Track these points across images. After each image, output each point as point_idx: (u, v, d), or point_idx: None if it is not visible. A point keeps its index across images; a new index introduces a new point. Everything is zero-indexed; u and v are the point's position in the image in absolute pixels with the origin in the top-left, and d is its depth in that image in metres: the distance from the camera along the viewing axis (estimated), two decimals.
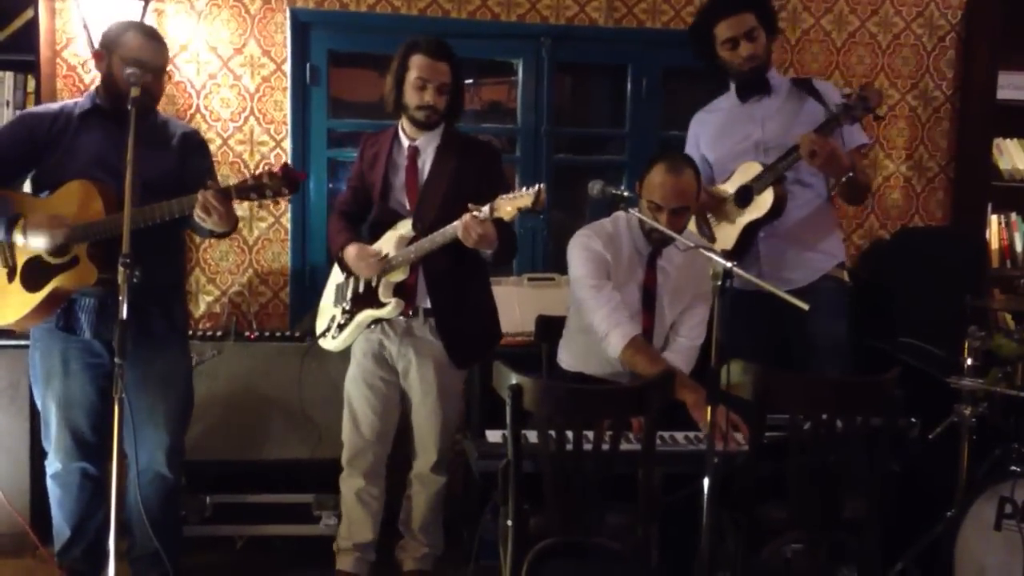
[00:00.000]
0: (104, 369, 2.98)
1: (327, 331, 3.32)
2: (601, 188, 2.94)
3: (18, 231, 2.86)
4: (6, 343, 3.54)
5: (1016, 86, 4.30)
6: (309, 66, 4.06)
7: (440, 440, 3.28)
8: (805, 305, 2.50)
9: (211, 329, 3.82)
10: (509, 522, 2.60)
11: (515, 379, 2.53)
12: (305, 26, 4.04)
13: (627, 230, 3.14)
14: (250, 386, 3.64)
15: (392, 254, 3.16)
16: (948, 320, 3.47)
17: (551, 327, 3.40)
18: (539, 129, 4.22)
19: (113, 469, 2.53)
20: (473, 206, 2.93)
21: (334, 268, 3.41)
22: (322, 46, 4.07)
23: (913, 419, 3.10)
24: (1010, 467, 3.02)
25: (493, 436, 2.91)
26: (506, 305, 3.87)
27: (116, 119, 2.92)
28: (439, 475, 3.32)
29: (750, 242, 3.33)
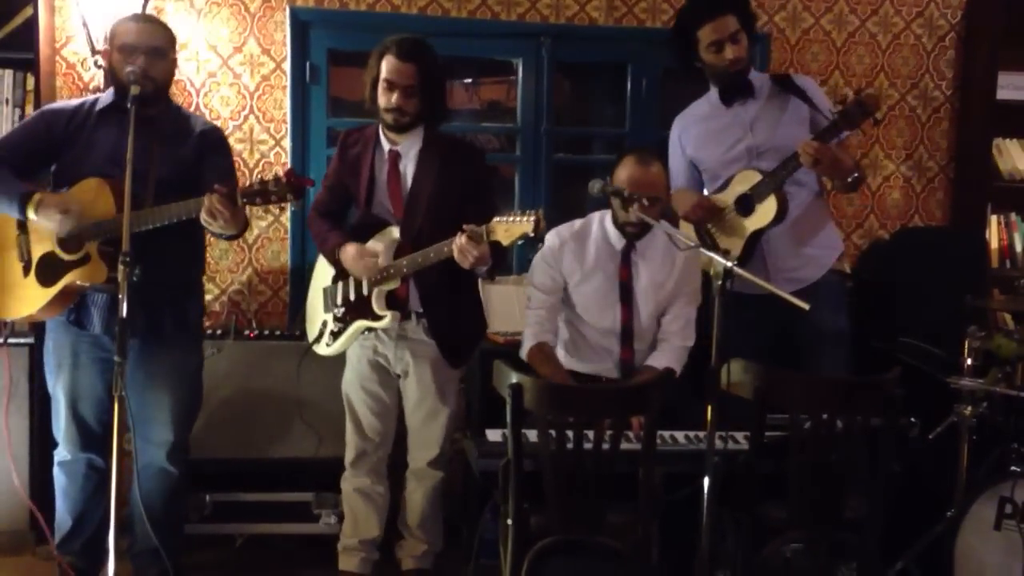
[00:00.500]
0: (112, 364, 2.96)
1: (320, 338, 3.29)
2: (601, 187, 2.96)
3: (31, 207, 2.87)
4: (5, 341, 3.53)
5: (1016, 86, 4.30)
6: (309, 65, 4.05)
7: (441, 437, 3.28)
8: (806, 305, 2.50)
9: (211, 327, 3.81)
10: (509, 521, 2.60)
11: (515, 378, 2.54)
12: (305, 25, 4.04)
13: (598, 226, 3.24)
14: (250, 385, 3.64)
15: (383, 262, 3.13)
16: (948, 320, 3.47)
17: None
18: (539, 128, 4.22)
19: (113, 465, 2.53)
20: (468, 227, 2.88)
21: (317, 271, 3.39)
22: (322, 45, 4.07)
23: (913, 419, 3.12)
24: (1010, 467, 3.03)
25: (493, 435, 2.92)
26: (505, 305, 3.88)
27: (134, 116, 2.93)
28: (437, 470, 3.32)
29: (754, 248, 3.33)
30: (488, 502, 3.08)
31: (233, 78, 4.00)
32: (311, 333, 3.36)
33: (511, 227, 2.85)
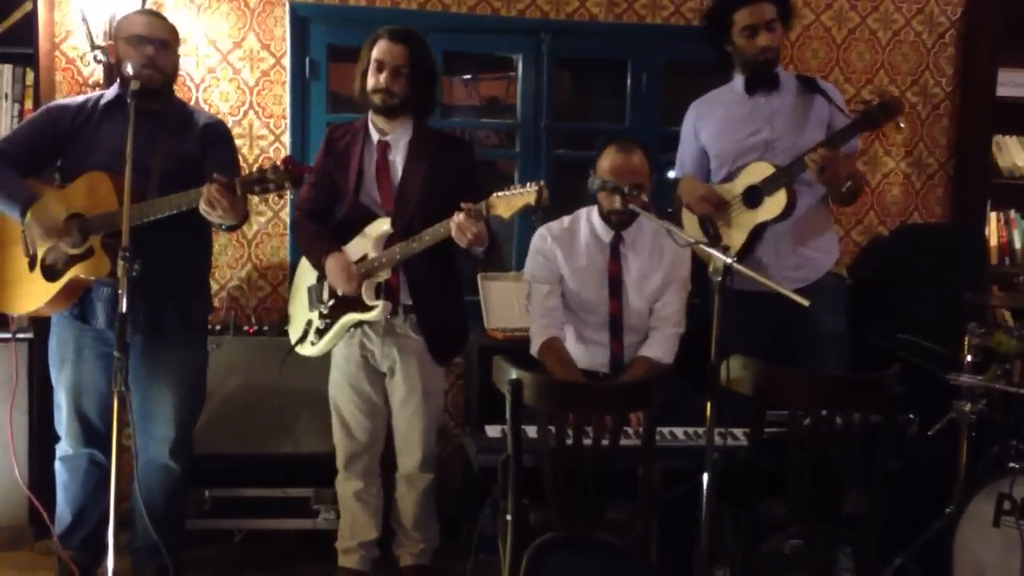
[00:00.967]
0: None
1: (304, 338, 3.26)
2: (601, 183, 2.95)
3: (30, 212, 2.90)
4: (5, 336, 3.53)
5: (1016, 83, 4.29)
6: (308, 60, 4.05)
7: (425, 438, 3.26)
8: (805, 301, 2.50)
9: (210, 323, 3.80)
10: (509, 517, 2.60)
11: (515, 374, 2.54)
12: (304, 20, 4.03)
13: (586, 221, 3.26)
14: (249, 380, 3.64)
15: (373, 255, 3.11)
16: (947, 317, 3.47)
17: None
18: (539, 124, 4.21)
19: (113, 462, 2.53)
20: (467, 204, 2.89)
21: (300, 270, 3.37)
22: (321, 40, 4.06)
23: (912, 415, 3.12)
24: (1009, 464, 3.02)
25: (493, 431, 2.92)
26: (504, 300, 3.88)
27: (139, 110, 2.93)
28: (427, 472, 3.30)
29: (756, 243, 3.33)
30: (487, 498, 3.09)
31: (233, 73, 3.99)
32: (294, 334, 3.33)
33: (512, 199, 2.86)
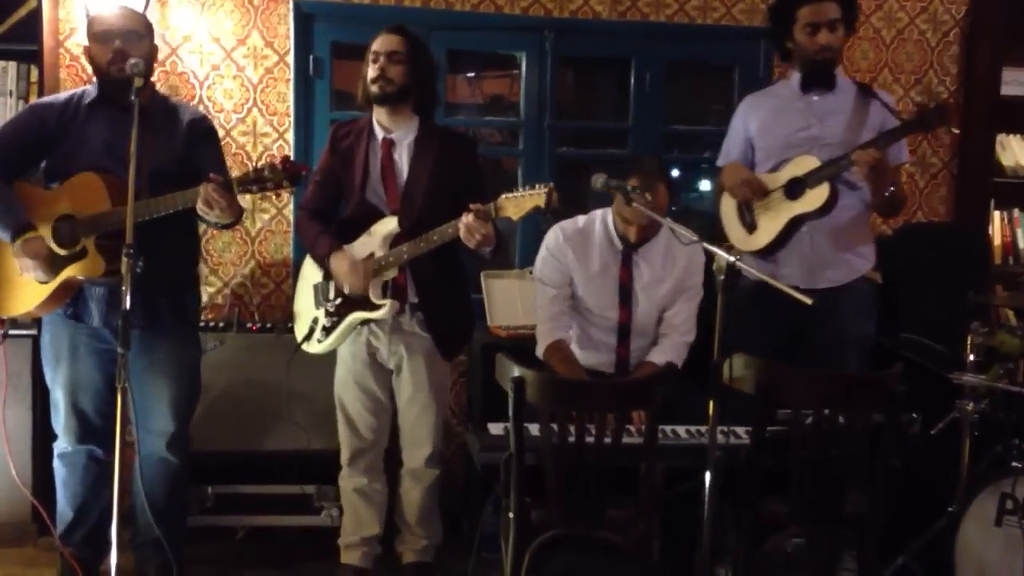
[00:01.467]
0: (111, 355, 2.98)
1: (310, 335, 3.26)
2: (604, 181, 2.95)
3: (20, 239, 2.88)
4: (5, 332, 3.54)
5: (1020, 82, 4.29)
6: (312, 58, 4.04)
7: (434, 433, 3.27)
8: (809, 300, 2.50)
9: (213, 320, 3.82)
10: (511, 514, 2.61)
11: (517, 372, 2.54)
12: (308, 17, 4.03)
13: (601, 224, 3.25)
14: (252, 377, 3.64)
15: (379, 254, 3.12)
16: (950, 316, 3.47)
17: None
18: (542, 122, 4.21)
19: (116, 458, 2.54)
20: (475, 206, 2.89)
21: (305, 267, 3.37)
22: (325, 38, 4.06)
23: (915, 415, 3.11)
24: (1011, 463, 3.02)
25: (495, 429, 2.92)
26: (507, 298, 3.88)
27: (123, 107, 2.93)
28: (433, 468, 3.31)
29: (791, 235, 3.31)
30: (490, 496, 3.09)
31: (236, 71, 3.99)
32: (300, 331, 3.32)
33: (522, 201, 2.86)
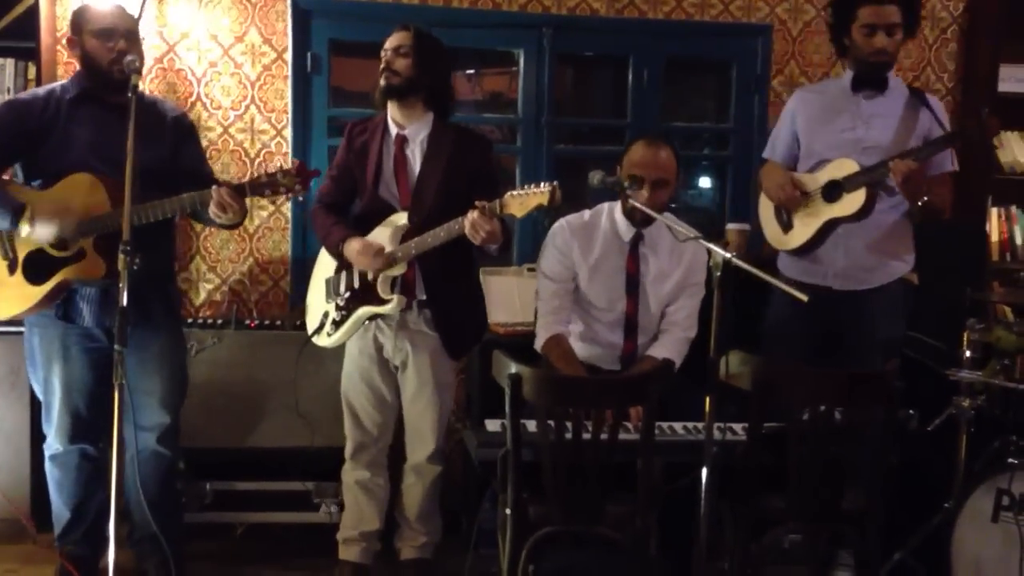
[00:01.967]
0: (102, 354, 2.99)
1: (320, 328, 3.28)
2: (601, 178, 2.95)
3: (24, 221, 2.87)
4: (5, 330, 3.53)
5: (1017, 79, 4.28)
6: (310, 55, 4.05)
7: (438, 430, 3.28)
8: (804, 297, 2.50)
9: (211, 317, 3.83)
10: (508, 511, 2.61)
11: (514, 368, 2.54)
12: (306, 14, 4.03)
13: (607, 218, 3.25)
14: (250, 374, 3.65)
15: (389, 249, 3.12)
16: (948, 312, 3.47)
17: None
18: (540, 119, 4.21)
19: (113, 457, 2.54)
20: (481, 203, 2.91)
21: (319, 262, 3.38)
22: (323, 35, 4.06)
23: (912, 411, 3.12)
24: (1008, 459, 3.03)
25: (493, 425, 2.93)
26: (506, 295, 3.88)
27: (107, 105, 2.93)
28: (436, 464, 3.31)
29: (825, 237, 3.31)
30: (487, 492, 3.10)
31: (234, 68, 3.99)
32: (311, 324, 3.35)
33: (526, 198, 2.87)
